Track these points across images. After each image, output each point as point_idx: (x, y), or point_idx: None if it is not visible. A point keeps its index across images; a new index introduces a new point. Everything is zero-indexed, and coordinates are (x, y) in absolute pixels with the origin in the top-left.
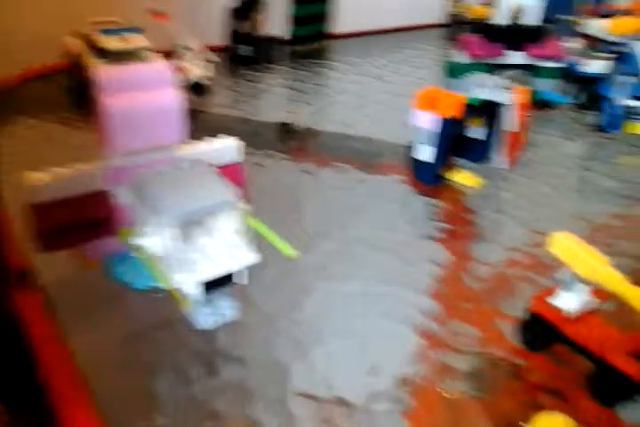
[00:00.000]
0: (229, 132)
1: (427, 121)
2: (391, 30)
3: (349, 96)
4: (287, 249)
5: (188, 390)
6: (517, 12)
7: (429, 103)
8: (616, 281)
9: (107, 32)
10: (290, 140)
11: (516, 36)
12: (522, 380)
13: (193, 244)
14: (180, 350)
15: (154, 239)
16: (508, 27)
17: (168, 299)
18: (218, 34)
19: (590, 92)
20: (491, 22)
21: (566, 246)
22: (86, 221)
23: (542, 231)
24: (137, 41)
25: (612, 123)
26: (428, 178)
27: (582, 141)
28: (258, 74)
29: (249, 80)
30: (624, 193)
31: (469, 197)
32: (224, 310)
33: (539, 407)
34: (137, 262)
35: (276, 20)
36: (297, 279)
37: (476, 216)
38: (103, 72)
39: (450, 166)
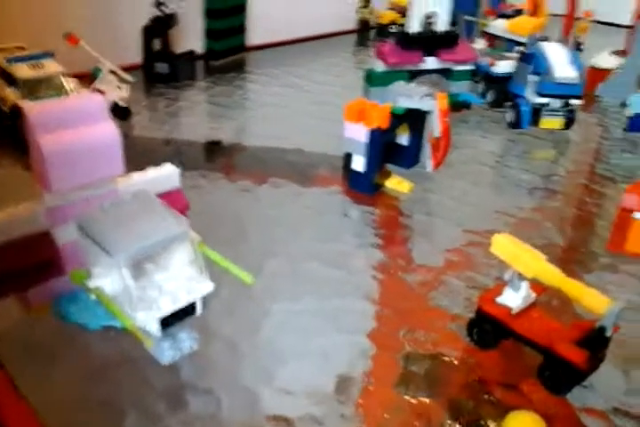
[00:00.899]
0: (154, 155)
1: (356, 132)
2: (305, 39)
3: (274, 108)
4: (243, 275)
5: None
6: (429, 19)
7: (357, 115)
8: (554, 275)
9: (16, 60)
10: (220, 157)
11: (430, 42)
12: (476, 377)
13: (149, 280)
14: (144, 386)
15: (108, 280)
16: (422, 33)
17: (125, 337)
18: (133, 52)
19: (500, 91)
20: (405, 30)
21: (506, 247)
22: (29, 264)
23: (473, 230)
24: (50, 67)
25: (523, 120)
26: (363, 187)
27: (498, 139)
28: (176, 91)
29: (168, 98)
30: (540, 186)
31: (403, 202)
32: (184, 342)
33: (495, 403)
34: (88, 302)
35: (190, 35)
36: (251, 303)
37: (411, 220)
38: (34, 109)
39: (383, 174)
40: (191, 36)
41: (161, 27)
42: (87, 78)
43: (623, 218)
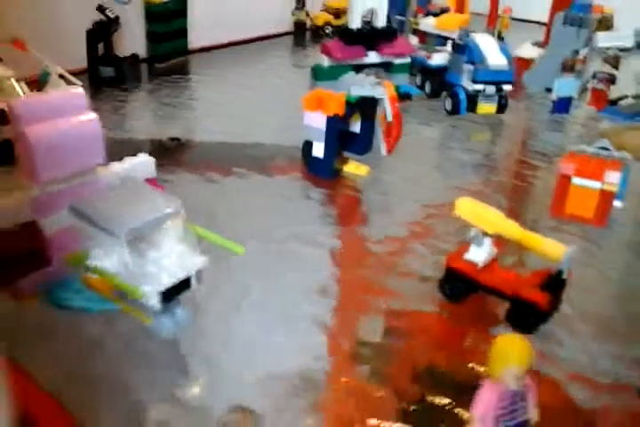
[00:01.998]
0: (116, 154)
1: (315, 120)
2: (244, 41)
3: (222, 106)
4: (234, 246)
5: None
6: (369, 16)
7: (315, 104)
8: (514, 229)
9: None
10: (181, 153)
11: (371, 37)
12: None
13: (145, 258)
14: (145, 360)
15: (107, 259)
16: (363, 29)
17: (119, 317)
18: (77, 57)
19: (437, 81)
20: (346, 26)
21: (469, 208)
22: (17, 254)
23: (428, 204)
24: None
25: (460, 106)
26: (324, 172)
27: (439, 125)
28: (123, 94)
29: (116, 101)
30: (482, 164)
31: (361, 185)
32: (181, 316)
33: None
34: (80, 287)
35: (133, 38)
36: (233, 280)
37: (370, 200)
38: (20, 102)
39: (340, 159)
40: (134, 40)
41: (104, 31)
42: (35, 83)
43: (562, 184)
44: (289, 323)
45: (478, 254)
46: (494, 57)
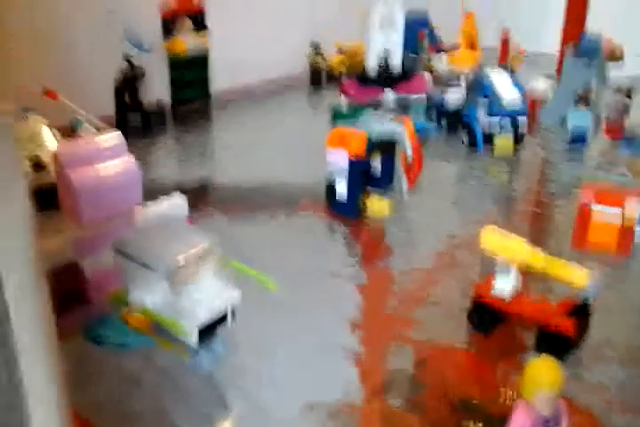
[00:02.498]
0: (148, 196)
1: (338, 159)
2: (264, 85)
3: (246, 149)
4: (269, 283)
5: None
6: (385, 56)
7: (338, 141)
8: (539, 257)
9: None
10: (208, 195)
11: (387, 76)
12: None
13: (183, 293)
14: (185, 394)
15: (148, 295)
16: (379, 69)
17: (157, 352)
18: (104, 104)
19: (454, 117)
20: (364, 68)
21: (494, 238)
22: (59, 294)
23: (453, 236)
24: (34, 121)
25: (478, 140)
26: (347, 210)
27: (457, 160)
28: (151, 140)
29: (144, 146)
30: (501, 196)
31: (383, 220)
32: (218, 351)
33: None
34: (119, 324)
35: (157, 85)
36: (264, 313)
37: (395, 235)
38: (63, 148)
39: (363, 197)
40: (158, 87)
41: (130, 79)
42: (68, 131)
43: (583, 213)
44: (321, 356)
45: (505, 284)
46: (508, 92)
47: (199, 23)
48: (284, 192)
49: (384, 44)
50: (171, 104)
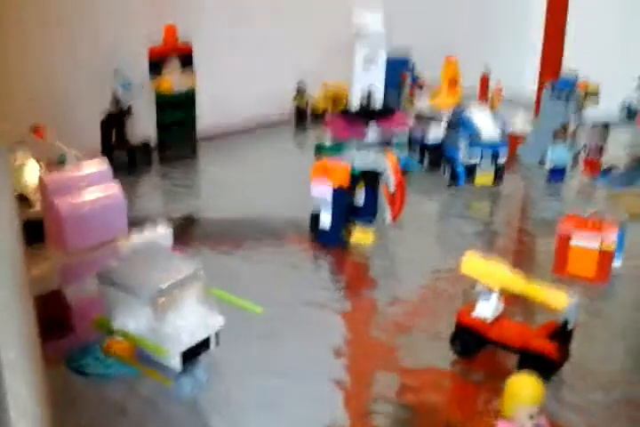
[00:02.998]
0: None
1: (322, 191)
2: (251, 127)
3: (231, 187)
4: (253, 307)
5: None
6: (368, 93)
7: (322, 173)
8: (518, 282)
9: None
10: (194, 230)
11: (370, 114)
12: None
13: (166, 318)
14: (168, 423)
15: (131, 321)
16: (363, 107)
17: (140, 381)
18: (91, 143)
19: (435, 155)
20: (348, 105)
21: (474, 264)
22: (43, 322)
23: (436, 270)
24: (22, 157)
25: (459, 178)
26: (331, 241)
27: (439, 196)
28: (135, 178)
29: (128, 183)
30: (483, 231)
31: (367, 253)
32: (201, 377)
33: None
34: (100, 354)
35: (143, 126)
36: (251, 341)
37: (378, 267)
38: (49, 176)
39: (347, 228)
40: (144, 128)
41: (117, 119)
42: (53, 166)
43: (561, 244)
44: (306, 383)
45: (486, 309)
46: (488, 130)
47: (186, 63)
48: (270, 226)
49: (367, 81)
50: (157, 143)
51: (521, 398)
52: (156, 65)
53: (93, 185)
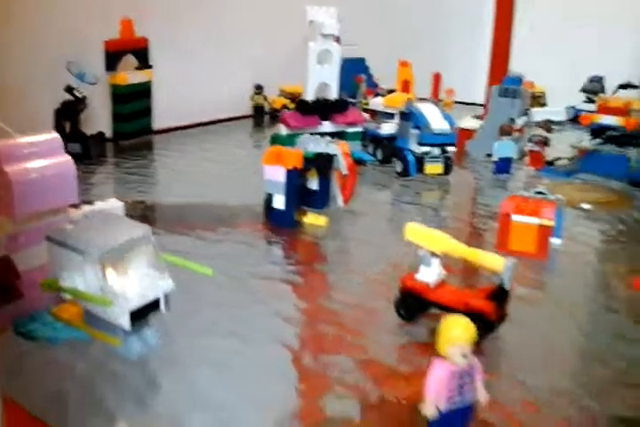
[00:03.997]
0: None
1: (275, 174)
2: (207, 124)
3: (187, 175)
4: (203, 269)
5: None
6: (322, 89)
7: (274, 159)
8: (458, 247)
9: None
10: (148, 215)
11: (324, 108)
12: None
13: (116, 279)
14: (115, 383)
15: (80, 279)
16: (317, 101)
17: (89, 345)
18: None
19: (388, 148)
20: (302, 98)
21: (417, 231)
22: None
23: (386, 252)
24: None
25: (410, 168)
26: (285, 222)
27: (391, 186)
28: (89, 167)
29: (82, 172)
30: (433, 216)
31: (320, 234)
32: (150, 338)
33: None
34: (49, 319)
35: (98, 117)
36: (201, 310)
37: (328, 245)
38: (1, 144)
39: (299, 212)
40: (100, 119)
41: (72, 110)
42: None
43: (504, 222)
44: (255, 346)
45: (428, 274)
46: (437, 122)
47: (143, 61)
48: (225, 211)
49: (321, 76)
50: (112, 136)
51: (454, 337)
52: (112, 58)
53: (44, 154)
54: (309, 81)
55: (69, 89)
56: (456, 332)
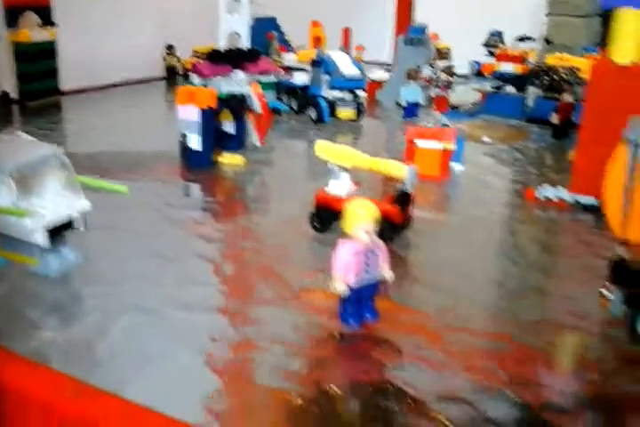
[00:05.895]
0: None
1: (189, 113)
2: (118, 85)
3: (101, 129)
4: (118, 187)
5: None
6: (233, 38)
7: (187, 98)
8: (364, 158)
9: None
10: None
11: (236, 56)
12: None
13: (31, 197)
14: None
15: None
16: (229, 50)
17: (9, 266)
18: None
19: (302, 97)
20: (214, 49)
21: (326, 148)
22: None
23: (304, 191)
24: None
25: (324, 114)
26: (201, 163)
27: (306, 133)
28: None
29: None
30: None
31: (237, 175)
32: (69, 256)
33: None
34: None
35: (3, 77)
36: (122, 239)
37: (247, 188)
38: None
39: (216, 152)
40: (4, 79)
41: None
42: None
43: (409, 148)
44: (179, 262)
45: (338, 186)
46: (347, 67)
47: (46, 18)
48: (140, 158)
49: (232, 26)
50: (18, 97)
51: (357, 216)
52: (13, 15)
53: None
54: (220, 30)
55: None
56: (359, 211)
